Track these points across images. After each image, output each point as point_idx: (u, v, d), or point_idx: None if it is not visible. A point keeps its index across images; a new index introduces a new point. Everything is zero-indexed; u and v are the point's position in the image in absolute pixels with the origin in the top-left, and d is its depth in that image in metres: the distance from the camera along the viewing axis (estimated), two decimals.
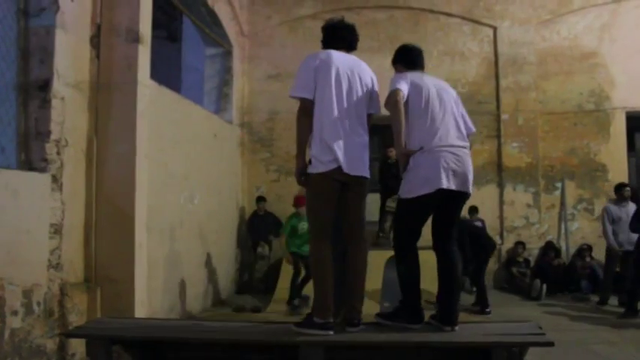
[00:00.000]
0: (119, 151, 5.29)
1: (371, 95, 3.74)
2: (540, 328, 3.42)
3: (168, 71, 9.10)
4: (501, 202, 10.26)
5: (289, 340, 3.25)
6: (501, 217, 10.29)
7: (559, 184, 10.31)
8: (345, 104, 3.56)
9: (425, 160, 3.52)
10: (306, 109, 3.57)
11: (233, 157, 9.89)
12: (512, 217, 10.24)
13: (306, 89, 3.55)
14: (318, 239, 3.51)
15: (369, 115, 3.75)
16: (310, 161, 3.57)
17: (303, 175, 3.58)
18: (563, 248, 10.09)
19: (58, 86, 4.87)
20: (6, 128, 4.67)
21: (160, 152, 6.43)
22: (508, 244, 10.14)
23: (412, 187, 3.54)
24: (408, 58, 3.91)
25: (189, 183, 7.58)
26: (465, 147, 3.63)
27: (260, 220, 9.74)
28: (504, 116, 10.35)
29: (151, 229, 5.82)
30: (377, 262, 6.60)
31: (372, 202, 10.55)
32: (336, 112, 3.51)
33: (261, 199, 9.88)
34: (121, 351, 3.92)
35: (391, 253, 3.94)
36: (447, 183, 3.49)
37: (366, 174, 3.64)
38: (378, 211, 9.58)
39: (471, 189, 3.65)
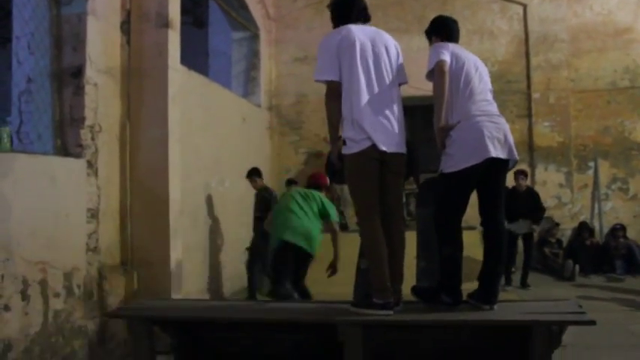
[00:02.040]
0: (152, 135, 5.35)
1: (398, 65, 3.68)
2: (580, 306, 3.38)
3: (195, 57, 9.13)
4: (533, 183, 10.08)
5: (328, 320, 3.26)
6: None
7: (592, 164, 10.11)
8: (374, 80, 3.49)
9: (468, 132, 3.47)
10: (334, 92, 3.50)
11: (262, 141, 9.92)
12: (544, 197, 10.02)
13: (330, 71, 3.49)
14: (369, 219, 3.47)
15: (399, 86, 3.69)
16: (345, 143, 3.52)
17: (340, 159, 3.54)
18: (597, 228, 9.92)
19: (90, 73, 4.93)
20: (42, 115, 4.76)
21: (190, 136, 6.48)
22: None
23: (458, 159, 3.48)
24: (444, 30, 3.82)
25: (219, 167, 7.65)
26: (501, 116, 3.60)
27: None
28: (535, 95, 10.17)
29: (184, 213, 5.90)
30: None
31: None
32: (365, 90, 3.45)
33: (291, 182, 9.88)
34: (159, 331, 4.01)
35: None
36: (495, 151, 3.44)
37: (403, 150, 3.59)
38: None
39: (516, 155, 3.60)
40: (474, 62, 3.68)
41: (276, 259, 5.29)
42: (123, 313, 3.72)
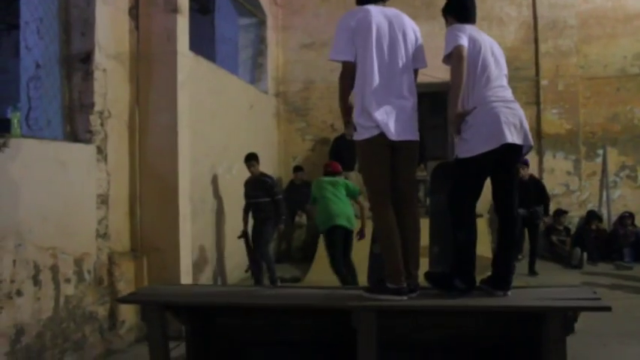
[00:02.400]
0: (161, 121, 5.33)
1: (416, 49, 3.62)
2: (595, 292, 3.36)
3: (201, 43, 9.08)
4: (541, 170, 10.06)
5: (343, 305, 3.25)
6: None
7: (600, 151, 10.03)
8: (388, 64, 3.45)
9: (485, 117, 3.44)
10: (348, 72, 3.48)
11: (269, 128, 9.89)
12: (552, 184, 10.02)
13: (345, 51, 3.45)
14: (381, 205, 3.45)
15: (415, 72, 3.65)
16: (355, 128, 3.50)
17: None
18: (605, 216, 9.88)
19: (99, 58, 4.91)
20: (52, 101, 4.75)
21: (198, 123, 6.46)
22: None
23: (474, 144, 3.45)
24: (461, 10, 3.74)
25: (227, 154, 7.63)
26: (516, 102, 3.57)
27: (297, 189, 9.76)
28: (544, 82, 10.08)
29: (192, 200, 5.89)
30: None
31: None
32: (377, 76, 3.41)
33: (298, 169, 9.90)
34: (170, 317, 4.01)
35: None
36: (511, 137, 3.42)
37: (415, 137, 3.56)
38: None
39: (531, 141, 3.59)
40: (490, 46, 3.64)
41: (329, 242, 6.39)
42: (136, 298, 3.71)
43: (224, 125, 7.56)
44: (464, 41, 3.47)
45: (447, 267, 3.60)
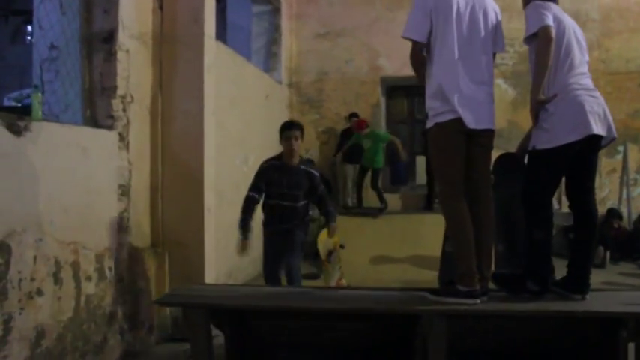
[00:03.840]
0: (186, 107, 4.98)
1: (496, 32, 3.36)
2: None
3: None
4: None
5: (412, 310, 2.95)
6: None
7: (621, 148, 9.77)
8: (468, 47, 3.19)
9: (568, 105, 3.17)
10: (414, 53, 3.27)
11: (282, 118, 9.49)
12: None
13: (418, 30, 3.20)
14: (453, 199, 3.16)
15: (493, 56, 3.38)
16: (427, 115, 3.24)
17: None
18: (625, 214, 9.63)
19: (123, 38, 4.55)
20: (73, 82, 4.39)
21: (219, 111, 6.11)
22: (565, 209, 9.68)
23: (555, 135, 3.16)
24: None
25: (244, 144, 7.30)
26: (597, 91, 3.28)
27: None
28: None
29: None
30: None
31: (419, 165, 10.26)
32: (457, 58, 3.16)
33: (308, 161, 9.59)
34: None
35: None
36: (596, 128, 3.14)
37: (492, 126, 3.28)
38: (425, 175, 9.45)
39: (615, 132, 3.31)
40: (573, 29, 3.35)
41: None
42: (179, 301, 3.39)
43: (242, 115, 7.23)
44: (550, 21, 3.18)
45: (512, 267, 3.31)
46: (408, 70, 3.55)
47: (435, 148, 3.27)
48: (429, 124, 3.23)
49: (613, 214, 9.36)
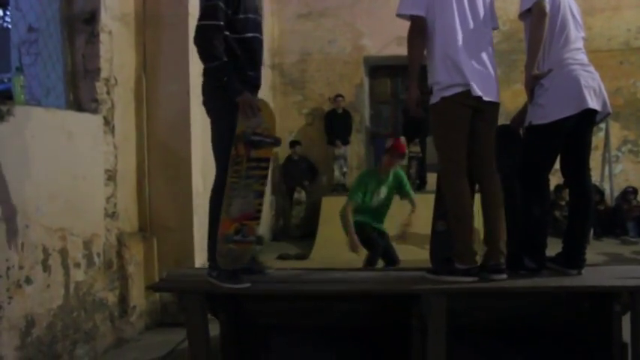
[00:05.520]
0: (171, 90, 4.87)
1: (491, 7, 3.32)
2: None
3: None
4: None
5: (411, 290, 2.94)
6: None
7: (603, 125, 9.83)
8: (470, 20, 3.14)
9: (563, 80, 3.15)
10: (419, 29, 3.15)
11: (266, 100, 9.43)
12: None
13: (416, 5, 3.13)
14: (455, 175, 3.12)
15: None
16: (431, 90, 3.17)
17: (419, 104, 3.18)
18: (607, 191, 9.76)
19: (105, 19, 4.42)
20: (55, 65, 4.26)
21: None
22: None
23: (550, 109, 3.15)
24: None
25: None
26: (592, 66, 3.27)
27: (294, 165, 9.45)
28: None
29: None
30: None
31: None
32: (460, 30, 3.10)
33: (295, 143, 9.56)
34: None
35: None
36: (592, 102, 3.14)
37: (498, 99, 3.24)
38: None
39: (610, 107, 3.33)
40: (569, 4, 3.32)
41: None
42: (176, 286, 3.33)
43: None
44: None
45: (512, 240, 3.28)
46: (390, 50, 3.51)
47: (439, 123, 3.20)
48: (434, 98, 3.15)
49: (594, 190, 9.47)
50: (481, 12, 3.22)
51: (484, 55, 3.18)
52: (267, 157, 3.31)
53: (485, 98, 3.11)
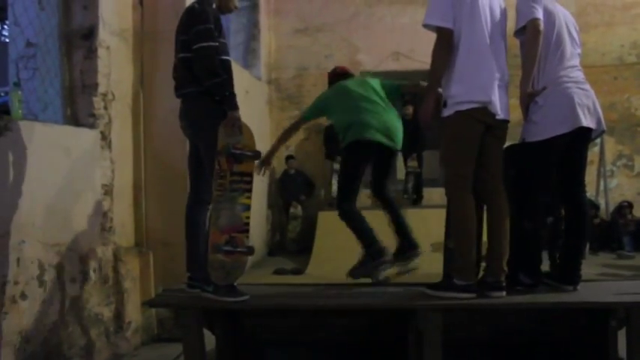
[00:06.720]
0: (168, 105, 4.83)
1: (505, 25, 3.34)
2: None
3: None
4: None
5: (408, 305, 2.94)
6: None
7: (597, 140, 9.88)
8: (490, 36, 3.14)
9: (558, 98, 3.18)
10: (447, 41, 3.11)
11: (262, 115, 9.47)
12: None
13: (445, 17, 3.10)
14: (461, 190, 3.12)
15: None
16: (445, 103, 3.15)
17: (434, 117, 3.19)
18: (602, 205, 9.78)
19: (103, 34, 4.46)
20: (52, 81, 4.28)
21: None
22: None
23: (545, 127, 3.18)
24: None
25: None
26: (587, 84, 3.30)
27: (291, 179, 9.44)
28: None
29: None
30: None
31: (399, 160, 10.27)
32: (487, 46, 3.10)
33: (290, 158, 9.57)
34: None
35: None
36: (585, 120, 3.17)
37: (509, 117, 3.26)
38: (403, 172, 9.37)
39: (604, 125, 3.36)
40: (565, 20, 3.36)
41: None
42: (170, 301, 3.32)
43: None
44: (539, 14, 3.19)
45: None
46: (386, 65, 3.48)
47: (450, 137, 3.17)
48: (448, 111, 3.13)
49: (590, 205, 9.48)
50: (500, 25, 3.25)
51: (503, 74, 3.20)
52: (250, 172, 3.45)
53: (500, 117, 3.14)
